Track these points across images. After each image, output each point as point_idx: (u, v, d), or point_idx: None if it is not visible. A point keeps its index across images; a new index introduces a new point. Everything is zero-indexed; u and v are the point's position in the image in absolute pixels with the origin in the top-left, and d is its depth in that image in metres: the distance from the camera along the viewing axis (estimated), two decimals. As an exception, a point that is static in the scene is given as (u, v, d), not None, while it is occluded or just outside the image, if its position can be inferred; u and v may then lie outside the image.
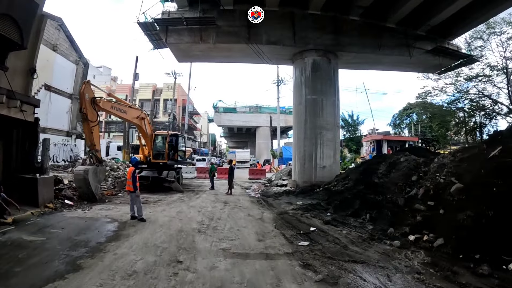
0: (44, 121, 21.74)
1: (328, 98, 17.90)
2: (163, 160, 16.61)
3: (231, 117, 55.79)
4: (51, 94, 22.31)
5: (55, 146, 23.33)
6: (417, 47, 18.51)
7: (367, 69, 23.60)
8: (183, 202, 12.35)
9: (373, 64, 21.25)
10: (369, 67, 22.57)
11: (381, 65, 21.38)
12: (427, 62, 20.25)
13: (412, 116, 49.71)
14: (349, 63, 20.14)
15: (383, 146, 26.58)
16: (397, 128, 51.97)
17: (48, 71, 21.48)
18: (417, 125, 44.70)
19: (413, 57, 18.64)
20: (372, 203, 9.91)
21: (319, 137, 17.33)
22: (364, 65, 21.69)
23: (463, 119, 34.86)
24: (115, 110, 14.14)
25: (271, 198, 14.11)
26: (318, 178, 16.86)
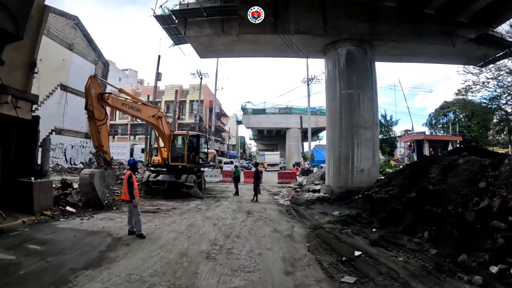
0: (60, 122, 20.98)
1: (365, 92, 15.88)
2: (182, 163, 15.04)
3: (260, 118, 54.01)
4: (68, 95, 21.43)
5: (73, 148, 22.61)
6: (460, 35, 16.23)
7: (406, 61, 21.27)
8: (199, 212, 10.59)
9: (412, 56, 18.85)
10: (408, 59, 20.17)
11: (422, 56, 18.93)
12: (471, 53, 18.00)
13: (449, 115, 46.76)
14: (385, 54, 17.92)
15: (424, 147, 23.93)
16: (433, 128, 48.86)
17: (64, 71, 20.74)
18: (454, 124, 41.59)
19: (456, 46, 16.40)
20: (429, 217, 7.75)
21: (356, 136, 15.32)
22: (402, 57, 19.35)
23: (505, 117, 31.77)
24: (127, 108, 12.73)
25: (302, 207, 12.08)
26: (355, 183, 14.87)
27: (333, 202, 13.03)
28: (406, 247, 6.64)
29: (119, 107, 12.50)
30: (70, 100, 21.80)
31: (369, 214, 9.72)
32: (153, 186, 14.34)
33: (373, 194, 12.04)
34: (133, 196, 7.27)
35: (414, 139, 24.59)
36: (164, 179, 14.49)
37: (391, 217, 8.66)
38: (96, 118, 10.82)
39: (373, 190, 12.54)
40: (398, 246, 6.75)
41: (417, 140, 24.19)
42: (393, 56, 18.83)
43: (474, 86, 34.00)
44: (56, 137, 20.64)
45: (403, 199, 9.53)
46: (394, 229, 7.95)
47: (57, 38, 20.10)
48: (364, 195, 12.60)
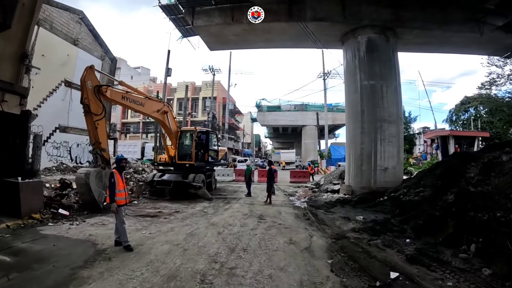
0: (65, 120, 20.15)
1: (389, 83, 14.48)
2: (189, 162, 13.92)
3: (276, 116, 52.63)
4: (73, 91, 20.60)
5: (78, 147, 21.77)
6: (488, 22, 14.70)
7: (430, 51, 19.60)
8: (204, 217, 9.37)
9: (438, 45, 17.14)
10: (432, 48, 18.41)
11: (447, 46, 17.19)
12: (499, 41, 16.23)
13: (470, 111, 44.75)
14: (409, 44, 16.45)
15: (449, 143, 22.15)
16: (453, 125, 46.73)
17: (69, 67, 19.88)
18: (476, 120, 39.53)
19: (484, 34, 14.93)
20: (474, 225, 6.36)
21: (379, 131, 13.93)
22: (427, 46, 17.67)
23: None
24: (129, 102, 11.63)
25: (321, 210, 10.73)
26: (379, 183, 13.53)
27: (355, 204, 11.66)
28: (451, 265, 5.30)
29: (119, 100, 11.41)
30: (75, 96, 20.85)
31: (399, 220, 8.35)
32: (157, 186, 13.25)
33: (401, 196, 10.67)
34: (113, 198, 6.08)
35: (439, 135, 22.80)
36: (170, 179, 13.41)
37: (428, 225, 7.28)
38: (92, 113, 9.84)
39: (401, 192, 11.16)
40: (442, 263, 5.41)
41: (442, 136, 22.39)
42: (417, 46, 17.26)
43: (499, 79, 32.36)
44: (60, 135, 19.87)
45: (440, 203, 8.15)
46: (433, 240, 6.59)
47: (60, 33, 19.28)
48: (390, 197, 11.23)
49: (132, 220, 8.79)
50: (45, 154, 17.95)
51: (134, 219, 9.02)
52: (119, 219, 6.18)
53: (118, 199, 6.20)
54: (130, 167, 18.94)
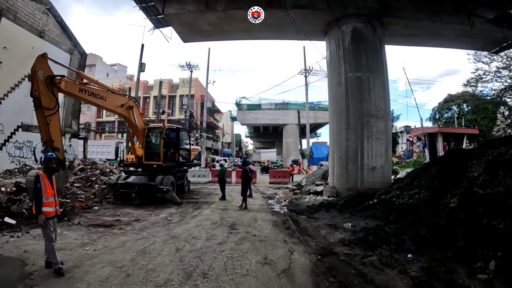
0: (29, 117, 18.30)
1: (376, 76, 13.46)
2: (157, 162, 12.49)
3: (256, 114, 51.22)
4: None
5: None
6: (478, 14, 14.06)
7: (418, 45, 18.79)
8: (167, 226, 7.93)
9: (426, 37, 16.26)
10: (421, 41, 17.49)
11: (436, 38, 16.31)
12: (489, 35, 15.52)
13: (453, 109, 44.77)
14: (397, 35, 15.48)
15: (437, 141, 21.31)
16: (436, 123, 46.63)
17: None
18: (460, 118, 39.39)
19: (474, 27, 14.17)
20: (489, 235, 5.23)
21: (366, 127, 12.90)
22: (416, 39, 16.73)
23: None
24: (87, 95, 10.17)
25: (304, 216, 9.41)
26: (367, 183, 12.49)
27: (341, 208, 10.47)
28: (469, 290, 4.12)
29: (75, 93, 9.93)
30: None
31: (395, 228, 7.15)
32: (121, 190, 11.74)
33: (394, 199, 9.52)
34: (40, 209, 4.68)
35: (426, 133, 21.95)
36: (135, 181, 11.95)
37: (431, 235, 6.11)
38: (44, 107, 8.49)
39: (393, 194, 10.04)
40: (457, 288, 4.22)
41: (429, 133, 21.55)
42: (405, 38, 16.29)
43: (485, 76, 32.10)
44: (23, 134, 18.02)
45: (441, 207, 7.05)
46: (440, 255, 5.41)
47: (25, 24, 17.51)
48: (381, 200, 10.08)
49: (82, 231, 7.48)
50: (6, 155, 16.34)
51: (85, 229, 7.67)
52: (46, 236, 4.79)
53: (46, 210, 4.78)
54: (96, 168, 17.28)
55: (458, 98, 43.40)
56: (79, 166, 17.29)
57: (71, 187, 13.51)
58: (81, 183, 14.78)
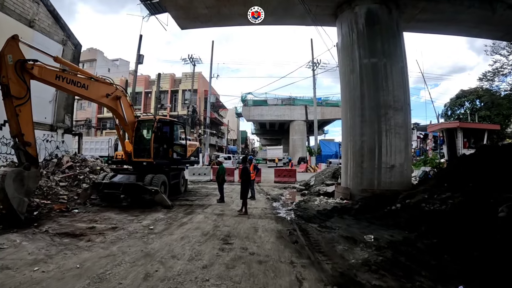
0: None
1: (394, 62, 11.88)
2: (147, 159, 11.04)
3: (262, 110, 49.74)
4: None
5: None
6: None
7: (436, 32, 17.17)
8: (145, 237, 6.42)
9: (444, 24, 14.65)
10: (439, 28, 15.83)
11: (455, 25, 14.69)
12: (511, 23, 13.96)
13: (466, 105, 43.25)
14: (413, 20, 13.90)
15: (457, 137, 19.60)
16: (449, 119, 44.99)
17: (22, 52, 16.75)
18: (473, 114, 37.74)
19: (496, 13, 12.73)
20: None
21: (383, 120, 11.32)
22: (433, 25, 15.08)
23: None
24: (66, 83, 8.75)
25: (314, 224, 7.78)
26: (384, 184, 10.94)
27: (357, 214, 8.90)
28: None
29: (52, 81, 8.52)
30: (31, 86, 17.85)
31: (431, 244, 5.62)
32: (105, 190, 10.30)
33: (422, 205, 7.95)
34: None
35: (445, 128, 20.22)
36: (121, 181, 10.51)
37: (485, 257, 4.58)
38: (13, 96, 7.33)
39: (420, 198, 8.48)
40: None
41: (448, 129, 19.84)
42: (421, 24, 14.64)
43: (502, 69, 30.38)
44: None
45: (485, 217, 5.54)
46: None
47: (13, 13, 16.23)
48: (405, 205, 8.52)
49: (44, 242, 6.10)
50: (-7, 152, 15.11)
51: (49, 240, 6.26)
52: None
53: None
54: (86, 166, 15.88)
55: (471, 93, 42.41)
56: (67, 164, 15.92)
57: (56, 187, 12.20)
58: (68, 182, 13.44)
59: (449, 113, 46.02)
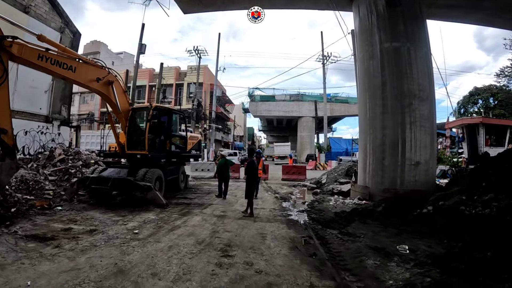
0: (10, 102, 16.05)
1: (418, 47, 10.55)
2: (141, 151, 9.83)
3: (269, 106, 48.30)
4: (20, 68, 16.39)
5: (27, 135, 17.38)
6: None
7: (457, 20, 15.75)
8: (125, 245, 5.15)
9: (466, 11, 13.39)
10: (460, 16, 14.39)
11: (478, 12, 13.33)
12: None
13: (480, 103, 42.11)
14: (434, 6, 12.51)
15: (479, 134, 18.12)
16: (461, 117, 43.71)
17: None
18: (487, 113, 36.35)
19: None
20: None
21: (407, 111, 9.99)
22: (454, 12, 13.74)
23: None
24: (50, 65, 7.56)
25: (333, 231, 6.42)
26: (408, 183, 9.61)
27: (381, 218, 7.59)
28: None
29: (33, 61, 7.34)
30: (24, 74, 16.67)
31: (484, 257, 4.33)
32: (92, 185, 9.11)
33: (461, 208, 6.63)
34: None
35: (466, 124, 18.72)
36: (110, 175, 9.31)
37: None
38: None
39: (455, 199, 7.15)
40: None
41: (469, 125, 18.35)
42: (443, 10, 13.31)
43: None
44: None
45: None
46: None
47: None
48: (438, 208, 7.19)
49: (6, 245, 5.10)
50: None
51: (12, 244, 5.20)
52: None
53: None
54: (79, 159, 14.76)
55: (484, 91, 41.27)
56: (60, 156, 14.81)
57: (44, 181, 11.13)
58: (58, 176, 12.36)
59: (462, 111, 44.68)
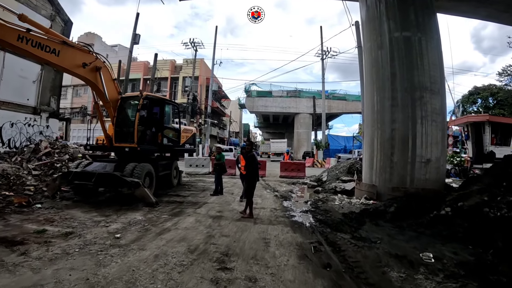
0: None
1: (429, 37, 9.86)
2: (130, 144, 8.99)
3: (266, 102, 47.37)
4: (7, 56, 15.52)
5: (13, 127, 16.42)
6: None
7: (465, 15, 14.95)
8: (103, 254, 4.33)
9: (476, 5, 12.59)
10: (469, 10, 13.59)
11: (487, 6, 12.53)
12: None
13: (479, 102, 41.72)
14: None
15: (484, 132, 17.47)
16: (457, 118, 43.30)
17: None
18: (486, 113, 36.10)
19: None
20: None
21: (418, 104, 9.31)
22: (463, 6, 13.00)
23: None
24: (30, 47, 6.79)
25: (346, 235, 5.60)
26: (418, 181, 8.93)
27: (394, 219, 6.84)
28: None
29: (12, 42, 6.58)
30: (11, 62, 15.79)
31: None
32: (75, 181, 8.26)
33: (486, 209, 5.90)
34: None
35: (471, 122, 17.98)
36: (95, 170, 8.47)
37: None
38: None
39: (476, 200, 6.42)
40: None
41: (475, 122, 17.61)
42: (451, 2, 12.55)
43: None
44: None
45: None
46: None
47: None
48: (458, 209, 6.44)
49: None
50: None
51: None
52: None
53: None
54: (66, 153, 13.89)
55: (484, 90, 40.95)
56: (45, 150, 13.93)
57: (27, 176, 10.32)
58: (43, 170, 11.52)
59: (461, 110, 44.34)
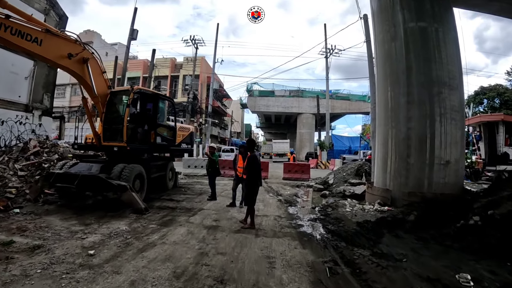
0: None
1: (446, 29, 9.02)
2: (119, 143, 8.14)
3: (268, 101, 46.54)
4: None
5: (3, 125, 15.62)
6: None
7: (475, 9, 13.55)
8: (71, 276, 3.45)
9: None
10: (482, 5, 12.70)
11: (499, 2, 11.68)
12: None
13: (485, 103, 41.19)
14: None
15: (498, 133, 16.60)
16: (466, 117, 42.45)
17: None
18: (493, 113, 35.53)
19: None
20: None
21: (436, 101, 8.46)
22: None
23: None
24: (10, 35, 6.10)
25: (365, 251, 4.72)
26: (437, 186, 8.05)
27: (415, 230, 5.96)
28: None
29: None
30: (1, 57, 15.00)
31: None
32: (57, 183, 7.42)
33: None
34: None
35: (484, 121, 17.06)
36: (79, 172, 7.62)
37: None
38: None
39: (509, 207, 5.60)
40: None
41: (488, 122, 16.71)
42: None
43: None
44: None
45: None
46: None
47: None
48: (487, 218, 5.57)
49: None
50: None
51: None
52: None
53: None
54: (56, 152, 13.08)
55: (490, 91, 40.44)
56: (34, 149, 13.12)
57: (12, 176, 9.54)
58: (30, 171, 10.70)
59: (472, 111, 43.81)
